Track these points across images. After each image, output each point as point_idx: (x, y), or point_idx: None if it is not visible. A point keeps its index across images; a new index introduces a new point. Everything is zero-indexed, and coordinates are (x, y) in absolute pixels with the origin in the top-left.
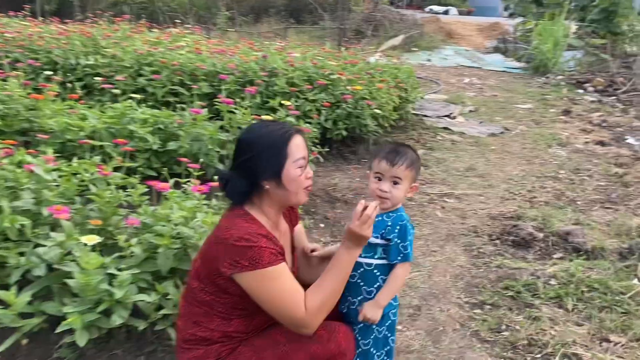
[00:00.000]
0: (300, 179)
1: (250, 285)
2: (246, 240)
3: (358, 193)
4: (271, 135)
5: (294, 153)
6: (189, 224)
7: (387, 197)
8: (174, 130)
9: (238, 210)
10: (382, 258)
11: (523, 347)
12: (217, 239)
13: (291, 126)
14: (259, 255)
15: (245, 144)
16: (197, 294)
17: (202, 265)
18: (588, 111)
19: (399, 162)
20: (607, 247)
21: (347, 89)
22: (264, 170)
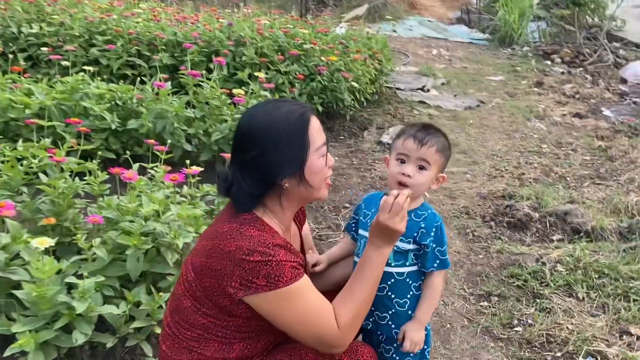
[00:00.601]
0: (324, 169)
1: (269, 307)
2: (260, 254)
3: (339, 174)
4: (286, 120)
5: (316, 139)
6: (162, 219)
7: (409, 183)
8: (134, 107)
9: (245, 215)
10: (414, 264)
11: (540, 344)
12: (220, 252)
13: (303, 104)
14: (279, 271)
15: (254, 134)
16: (190, 315)
17: (197, 281)
18: (560, 83)
19: (430, 142)
20: (607, 227)
21: (322, 60)
22: (283, 166)
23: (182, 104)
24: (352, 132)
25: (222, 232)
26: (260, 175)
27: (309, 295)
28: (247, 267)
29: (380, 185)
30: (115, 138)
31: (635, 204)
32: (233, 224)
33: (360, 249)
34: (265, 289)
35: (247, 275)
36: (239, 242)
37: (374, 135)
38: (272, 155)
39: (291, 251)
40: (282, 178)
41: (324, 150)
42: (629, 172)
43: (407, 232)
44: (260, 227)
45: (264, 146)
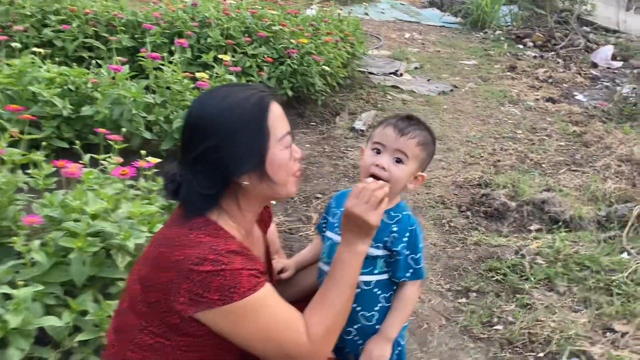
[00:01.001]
0: (289, 163)
1: (226, 323)
2: (212, 262)
3: (310, 162)
4: (241, 106)
5: (277, 128)
6: (111, 218)
7: (383, 176)
8: (89, 92)
9: (197, 219)
10: (384, 272)
11: (522, 344)
12: (165, 262)
13: (261, 87)
14: (234, 281)
15: (205, 125)
16: (135, 334)
17: (142, 295)
18: (532, 67)
19: (411, 132)
20: (585, 216)
21: (291, 42)
22: (241, 161)
23: (141, 88)
24: (324, 118)
25: (169, 239)
26: (213, 172)
27: (273, 307)
28: (197, 278)
29: (353, 174)
30: (68, 126)
31: (613, 192)
32: (181, 229)
33: (326, 253)
34: (219, 303)
35: (196, 288)
36: (187, 250)
37: (347, 121)
38: (227, 148)
39: (249, 257)
40: (239, 175)
41: (288, 140)
42: (605, 158)
43: (376, 235)
44: (212, 232)
45: (216, 138)
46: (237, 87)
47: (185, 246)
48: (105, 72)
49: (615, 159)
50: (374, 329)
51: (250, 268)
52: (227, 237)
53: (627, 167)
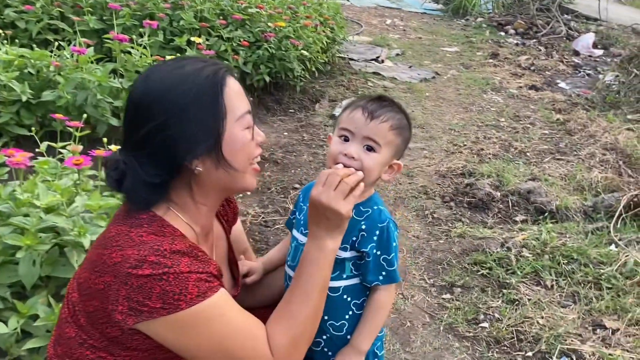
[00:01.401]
0: (250, 145)
1: (171, 335)
2: (152, 265)
3: (288, 151)
4: (193, 80)
5: (235, 105)
6: (66, 212)
7: (354, 166)
8: (51, 76)
9: (141, 214)
10: (353, 276)
11: (510, 343)
12: (103, 265)
13: (215, 61)
14: (179, 287)
15: (151, 102)
16: (75, 348)
17: (81, 304)
18: (514, 54)
19: (383, 116)
20: (571, 207)
21: (269, 25)
22: (193, 142)
23: (107, 72)
24: (303, 105)
25: (108, 238)
26: (161, 156)
27: (228, 315)
28: (136, 284)
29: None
30: (29, 112)
31: (599, 181)
32: (122, 226)
33: (290, 255)
34: (163, 312)
35: (136, 295)
36: (125, 251)
37: (326, 108)
38: (176, 126)
39: (199, 259)
40: (191, 159)
41: (249, 120)
42: (589, 147)
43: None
44: (157, 230)
45: (164, 116)
46: (188, 59)
47: (124, 247)
48: (67, 55)
49: (599, 147)
50: (344, 339)
51: (200, 271)
52: (174, 236)
53: (612, 155)
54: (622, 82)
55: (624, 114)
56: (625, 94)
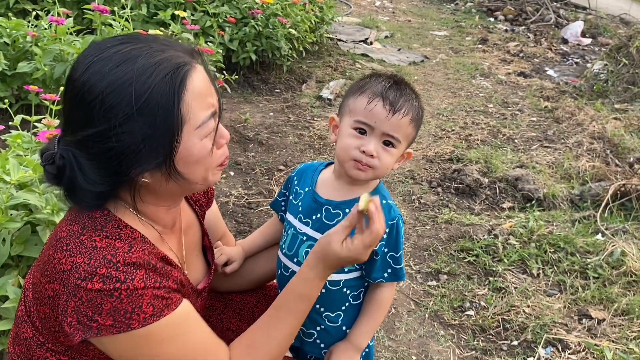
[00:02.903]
0: (209, 156)
1: (123, 353)
2: (103, 278)
3: (273, 132)
4: (146, 79)
5: (196, 111)
6: (38, 189)
7: (371, 164)
8: (27, 47)
9: (95, 211)
10: (355, 270)
11: (496, 332)
12: (52, 270)
13: (178, 45)
14: (131, 305)
15: (92, 99)
16: (33, 349)
17: (35, 306)
18: (503, 40)
19: (404, 108)
20: (558, 195)
21: (256, 2)
22: (138, 158)
23: (86, 44)
24: (289, 85)
25: (59, 239)
26: (101, 165)
27: (185, 336)
28: (85, 297)
29: (319, 145)
30: (4, 84)
31: (586, 170)
32: (74, 226)
33: (287, 243)
34: (113, 330)
35: (85, 309)
36: (76, 258)
37: (313, 89)
38: (120, 138)
39: (157, 271)
40: (137, 173)
41: (211, 126)
42: (577, 135)
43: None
44: (111, 233)
45: (106, 124)
46: (142, 45)
47: (74, 253)
48: (45, 24)
49: (587, 136)
50: (339, 330)
51: (157, 286)
52: (131, 240)
53: (599, 144)
54: (610, 71)
55: (612, 103)
56: (613, 83)
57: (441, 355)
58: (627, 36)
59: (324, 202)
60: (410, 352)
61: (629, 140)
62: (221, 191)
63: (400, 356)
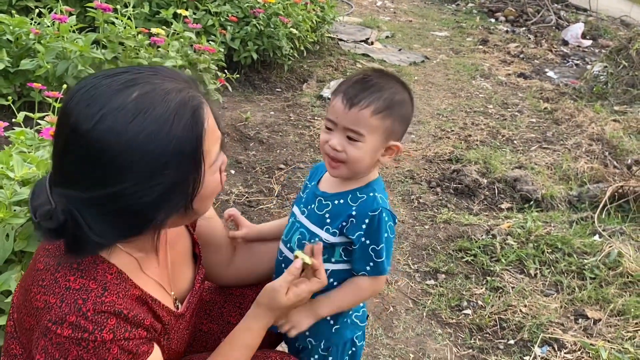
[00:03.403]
0: (219, 187)
1: None
2: (72, 327)
3: (274, 130)
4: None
5: (211, 148)
6: None
7: (340, 157)
8: (31, 45)
9: None
10: (343, 261)
11: (493, 330)
12: (29, 302)
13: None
14: (97, 356)
15: (112, 158)
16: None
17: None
18: (504, 41)
19: (362, 101)
20: (557, 196)
21: (258, 1)
22: (164, 207)
23: (89, 42)
24: (290, 84)
25: (36, 271)
26: (121, 220)
27: None
28: (54, 340)
29: (318, 144)
30: (7, 80)
31: (584, 171)
32: (51, 259)
33: (286, 228)
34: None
35: (53, 351)
36: (49, 298)
37: (314, 88)
38: (144, 193)
39: (129, 320)
40: (161, 220)
41: (221, 158)
42: (576, 137)
43: (333, 218)
44: (86, 272)
45: (128, 181)
46: (150, 84)
47: (48, 292)
48: (48, 22)
49: (586, 137)
50: (326, 322)
51: (127, 336)
52: (106, 280)
53: (598, 146)
54: (610, 73)
55: (611, 105)
56: (613, 85)
57: (438, 353)
58: (627, 38)
59: (319, 194)
60: (407, 350)
61: (627, 142)
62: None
63: (398, 354)
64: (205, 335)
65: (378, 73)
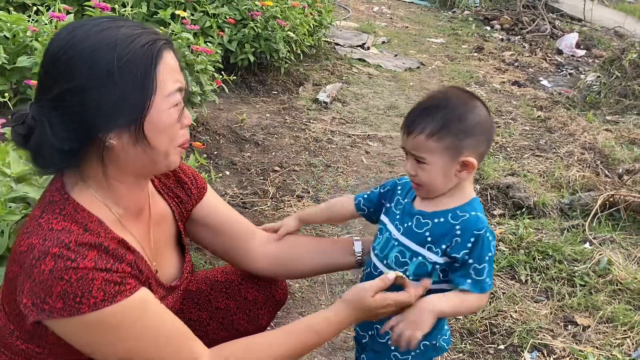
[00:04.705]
0: (175, 127)
1: (77, 337)
2: (55, 258)
3: (270, 132)
4: (126, 43)
5: (167, 80)
6: (37, 182)
7: (416, 181)
8: (28, 42)
9: (54, 194)
10: (440, 282)
11: (483, 335)
12: (14, 252)
13: (155, 30)
14: (81, 288)
15: (71, 58)
16: (7, 338)
17: (5, 292)
18: (499, 49)
19: (416, 128)
20: (549, 203)
21: (256, 4)
22: (111, 113)
23: None
24: (286, 87)
25: (24, 224)
26: (74, 121)
27: (147, 321)
28: (37, 278)
29: (314, 147)
30: (3, 77)
31: (576, 179)
32: (36, 210)
33: (380, 244)
34: (63, 313)
35: (37, 289)
36: (32, 240)
37: (310, 92)
38: (97, 94)
39: (109, 253)
40: (107, 130)
41: (177, 98)
42: (568, 145)
43: (436, 238)
44: (69, 214)
45: (84, 79)
46: (126, 21)
47: (31, 234)
48: (46, 20)
49: (578, 146)
50: None
51: (109, 267)
52: (87, 223)
53: (590, 155)
54: (603, 83)
55: (604, 115)
56: (606, 95)
57: None
58: (620, 49)
59: (416, 213)
60: None
61: (619, 151)
62: (216, 190)
63: None
64: (195, 324)
65: (442, 92)
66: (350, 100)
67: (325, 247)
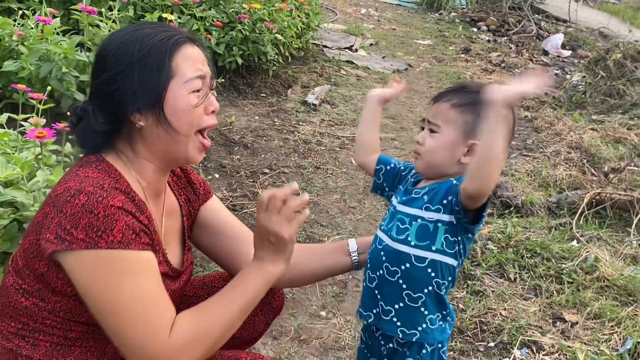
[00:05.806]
0: (194, 111)
1: (83, 274)
2: (88, 195)
3: (259, 135)
4: (146, 39)
5: (185, 68)
6: (26, 187)
7: (419, 151)
8: (14, 46)
9: (90, 156)
10: (444, 252)
11: (473, 333)
12: (47, 199)
13: (179, 30)
14: (105, 224)
15: (106, 55)
16: (12, 295)
17: (21, 247)
18: (486, 51)
19: (445, 97)
20: (536, 202)
21: (243, 7)
22: (134, 94)
23: (73, 45)
24: (275, 90)
25: (62, 176)
26: (107, 105)
27: (142, 280)
28: (69, 212)
29: (303, 149)
30: None
31: (563, 178)
32: (73, 168)
33: (387, 219)
34: (82, 244)
35: (65, 222)
36: (69, 184)
37: (299, 94)
38: (122, 81)
39: (135, 202)
40: (133, 111)
41: (197, 84)
42: (555, 145)
43: (432, 196)
44: (103, 169)
45: (115, 69)
46: (152, 24)
47: (69, 181)
48: (32, 24)
49: (565, 145)
50: (419, 313)
51: (133, 213)
52: (116, 175)
53: (577, 154)
54: (589, 83)
55: (589, 114)
56: (591, 94)
57: None
58: (605, 49)
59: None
60: None
61: (604, 150)
62: None
63: None
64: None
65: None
66: (338, 102)
67: (320, 250)
